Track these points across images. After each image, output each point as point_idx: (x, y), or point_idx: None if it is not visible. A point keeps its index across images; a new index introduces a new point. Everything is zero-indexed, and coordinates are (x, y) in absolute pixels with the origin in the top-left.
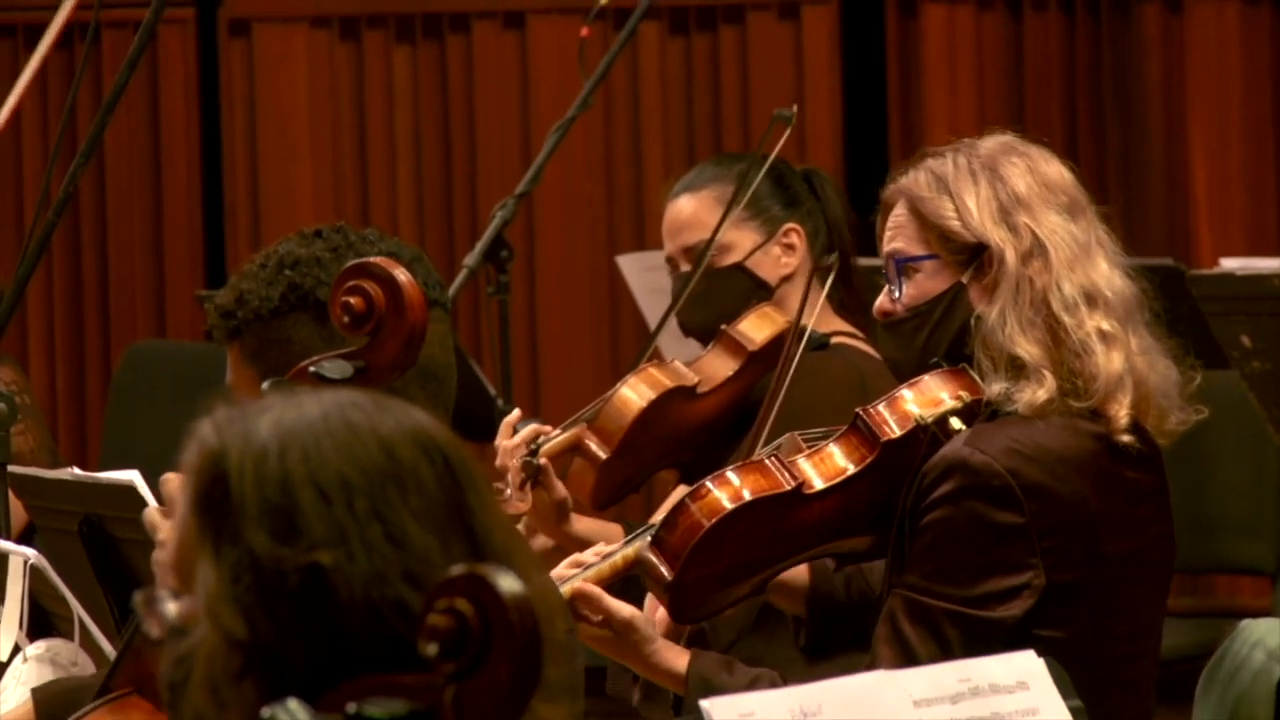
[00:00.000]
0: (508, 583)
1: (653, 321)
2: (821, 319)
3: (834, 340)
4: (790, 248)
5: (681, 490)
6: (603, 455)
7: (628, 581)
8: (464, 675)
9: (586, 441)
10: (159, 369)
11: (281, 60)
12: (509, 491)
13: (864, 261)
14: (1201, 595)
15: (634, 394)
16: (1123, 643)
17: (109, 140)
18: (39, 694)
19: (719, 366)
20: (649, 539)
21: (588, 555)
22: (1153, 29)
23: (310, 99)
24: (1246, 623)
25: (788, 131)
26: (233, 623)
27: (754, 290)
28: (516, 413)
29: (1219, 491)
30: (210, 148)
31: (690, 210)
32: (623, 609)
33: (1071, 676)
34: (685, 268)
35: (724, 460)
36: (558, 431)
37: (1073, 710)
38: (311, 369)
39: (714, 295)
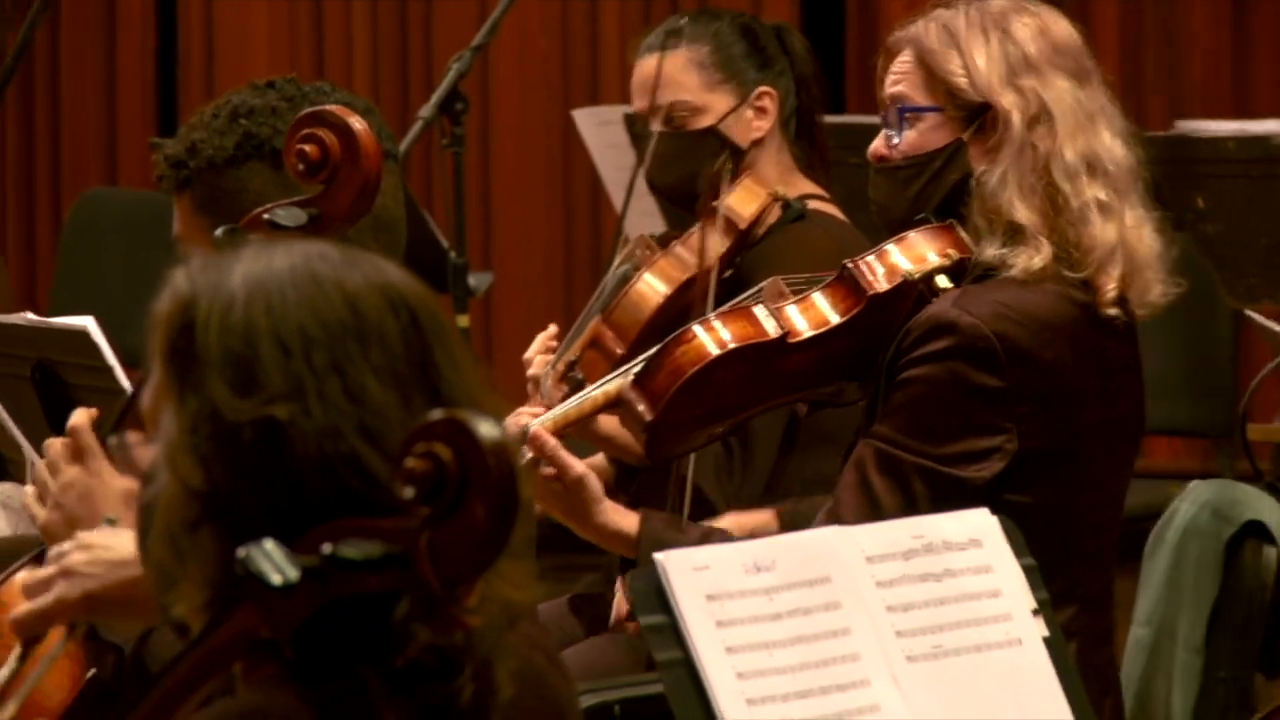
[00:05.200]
0: (486, 428)
1: (607, 176)
2: (789, 180)
3: (809, 206)
4: (763, 111)
5: None
6: (619, 351)
7: None
8: (440, 520)
9: (604, 339)
10: (110, 215)
11: None
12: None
13: (830, 119)
14: (1144, 457)
15: (649, 289)
16: (1088, 513)
17: None
18: None
19: (712, 245)
20: (630, 377)
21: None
22: None
23: None
24: (1195, 484)
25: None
26: (189, 472)
27: (726, 153)
28: (553, 328)
29: (1170, 354)
30: None
31: (664, 69)
32: (576, 464)
33: (1035, 543)
34: (655, 126)
35: None
36: (572, 334)
37: (1025, 568)
38: (266, 216)
39: (686, 157)
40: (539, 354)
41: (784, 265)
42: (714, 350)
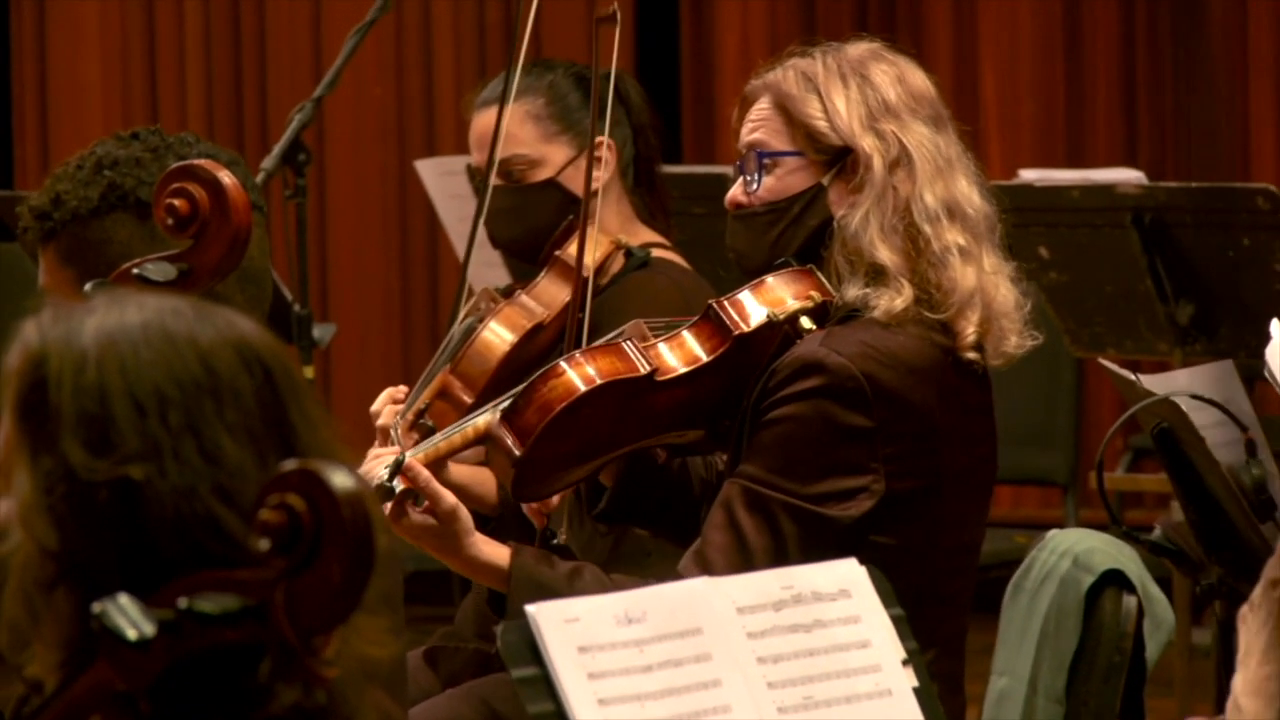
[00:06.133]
0: (340, 479)
1: (451, 227)
2: (630, 229)
3: (652, 254)
4: (601, 160)
5: None
6: (468, 400)
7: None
8: (296, 571)
9: (453, 389)
10: None
11: None
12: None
13: (669, 169)
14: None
15: (496, 338)
16: (947, 557)
17: None
18: None
19: (555, 293)
20: (499, 413)
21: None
22: None
23: None
24: (1054, 533)
25: (616, 30)
26: (44, 533)
27: (567, 205)
28: (403, 388)
29: (1014, 403)
30: None
31: (499, 123)
32: (448, 496)
33: (897, 586)
34: (495, 180)
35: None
36: (421, 382)
37: (894, 618)
38: (135, 271)
39: (527, 210)
40: (387, 405)
41: (630, 313)
42: (581, 386)
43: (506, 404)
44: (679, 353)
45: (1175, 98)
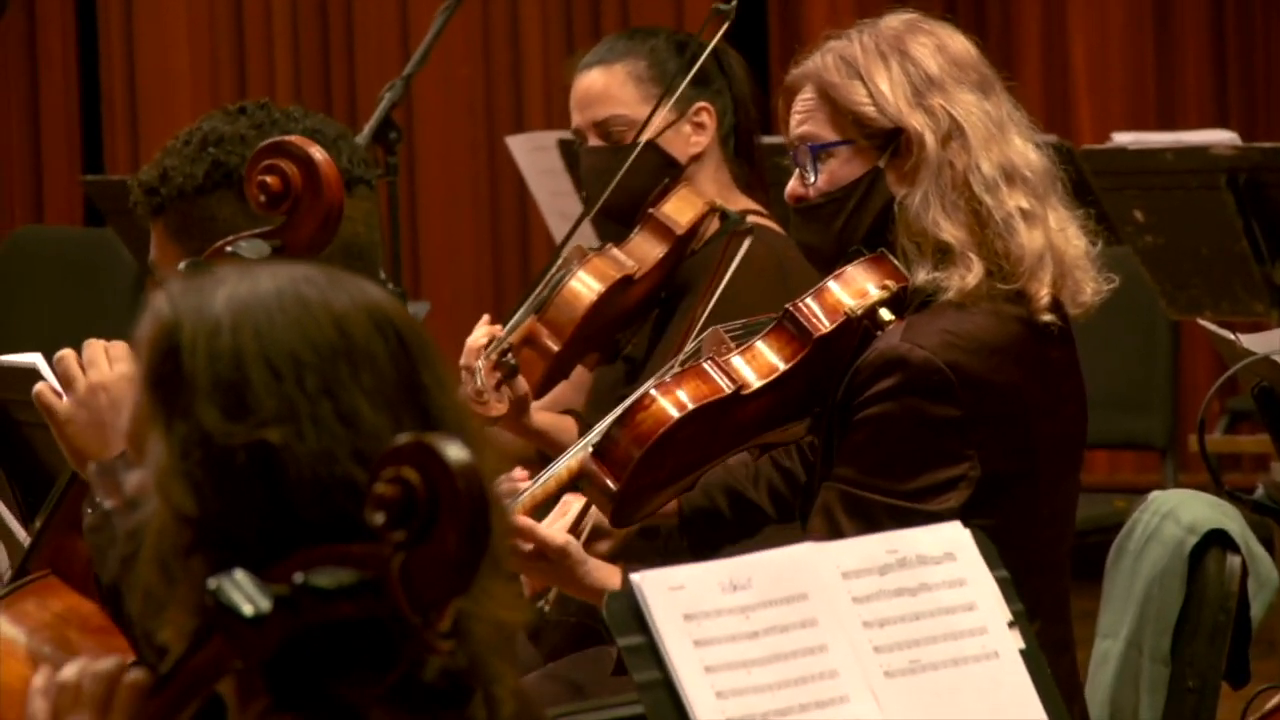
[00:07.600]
0: (455, 451)
1: (543, 202)
2: (728, 197)
3: (748, 219)
4: (701, 126)
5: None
6: (555, 348)
7: None
8: (411, 544)
9: (539, 336)
10: (40, 254)
11: None
12: (485, 394)
13: (766, 140)
14: (1084, 471)
15: (584, 287)
16: (1045, 526)
17: None
18: None
19: (649, 250)
20: (590, 451)
21: (515, 473)
22: None
23: None
24: (1156, 494)
25: (725, 25)
26: (182, 498)
27: (664, 168)
28: (487, 318)
29: (1110, 367)
30: (86, 32)
31: (602, 84)
32: (556, 537)
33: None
34: (594, 142)
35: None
36: (510, 326)
37: (999, 580)
38: (229, 248)
39: (624, 172)
40: (472, 342)
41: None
42: (674, 413)
43: (596, 440)
44: (760, 363)
45: (1266, 58)
